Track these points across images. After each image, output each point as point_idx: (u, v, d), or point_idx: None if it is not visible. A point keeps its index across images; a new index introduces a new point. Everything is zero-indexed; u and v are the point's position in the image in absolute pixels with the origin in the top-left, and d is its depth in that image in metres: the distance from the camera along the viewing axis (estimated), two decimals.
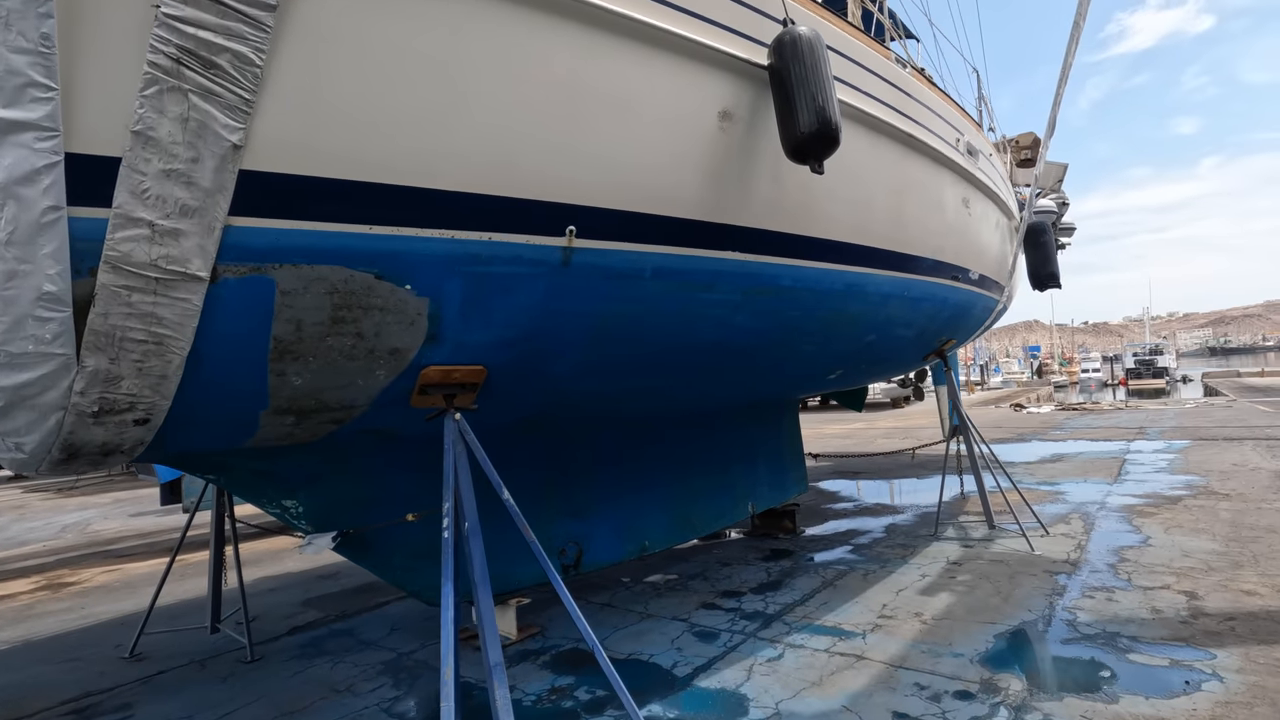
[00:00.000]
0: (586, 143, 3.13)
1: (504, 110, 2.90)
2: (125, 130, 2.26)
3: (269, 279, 2.65)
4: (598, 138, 3.16)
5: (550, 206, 3.11)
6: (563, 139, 3.06)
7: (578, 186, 3.17)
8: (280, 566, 7.34)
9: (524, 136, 2.96)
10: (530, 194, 3.04)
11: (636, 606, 5.32)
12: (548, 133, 3.02)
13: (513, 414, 3.90)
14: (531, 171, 3.02)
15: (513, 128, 2.93)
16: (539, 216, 3.09)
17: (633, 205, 3.36)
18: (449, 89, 2.77)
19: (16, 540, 10.06)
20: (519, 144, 2.96)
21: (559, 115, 3.03)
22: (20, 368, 2.37)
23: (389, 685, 4.15)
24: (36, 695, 4.31)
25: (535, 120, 2.99)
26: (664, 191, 3.44)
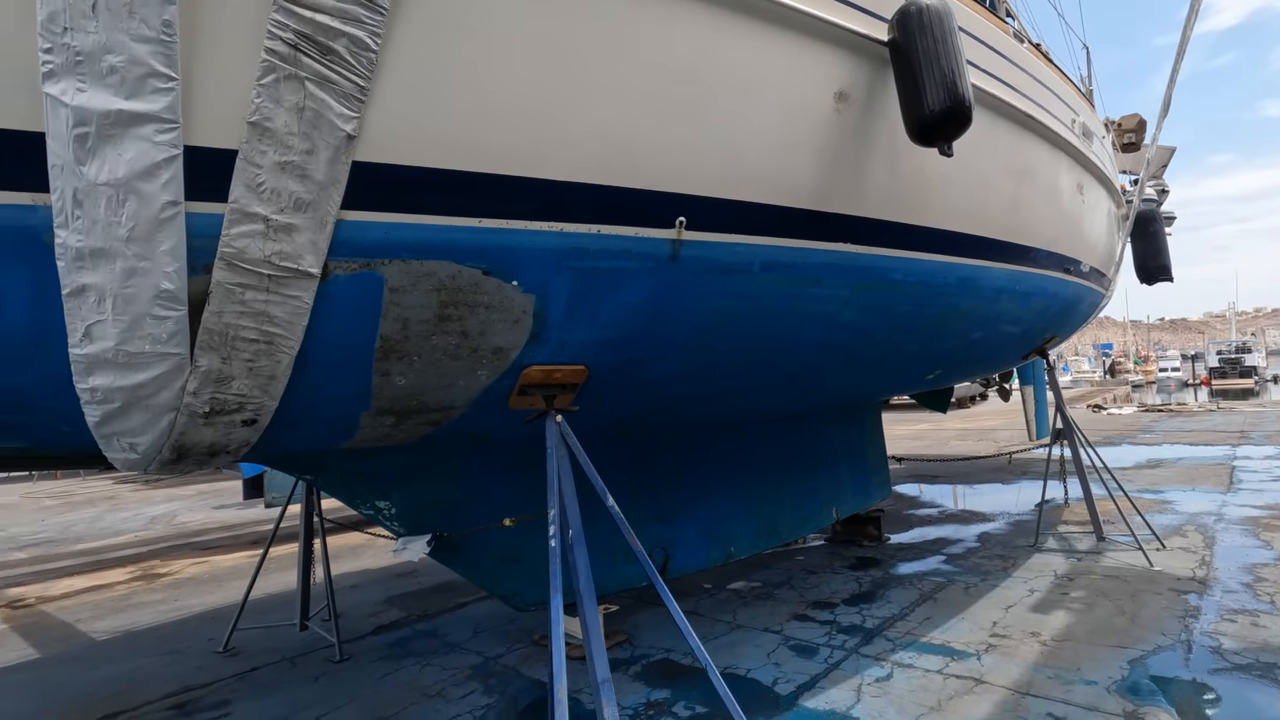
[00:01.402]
0: (699, 128, 2.93)
1: (618, 95, 2.73)
2: (242, 121, 2.17)
3: (378, 275, 2.55)
4: (710, 123, 2.96)
5: (661, 197, 2.93)
6: (676, 125, 2.87)
7: (688, 175, 2.98)
8: (359, 563, 7.41)
9: (637, 122, 2.79)
10: (641, 183, 2.86)
11: (724, 616, 5.11)
12: (661, 118, 2.84)
13: (608, 416, 3.74)
14: (643, 159, 2.84)
15: (626, 113, 2.76)
16: (649, 207, 2.91)
17: (743, 194, 3.14)
18: (563, 73, 2.61)
19: (111, 530, 10.53)
20: (631, 130, 2.78)
21: (673, 99, 2.84)
22: (137, 368, 2.32)
23: (479, 692, 4.05)
24: (140, 688, 4.39)
25: (649, 105, 2.81)
26: (775, 179, 3.21)
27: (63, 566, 8.22)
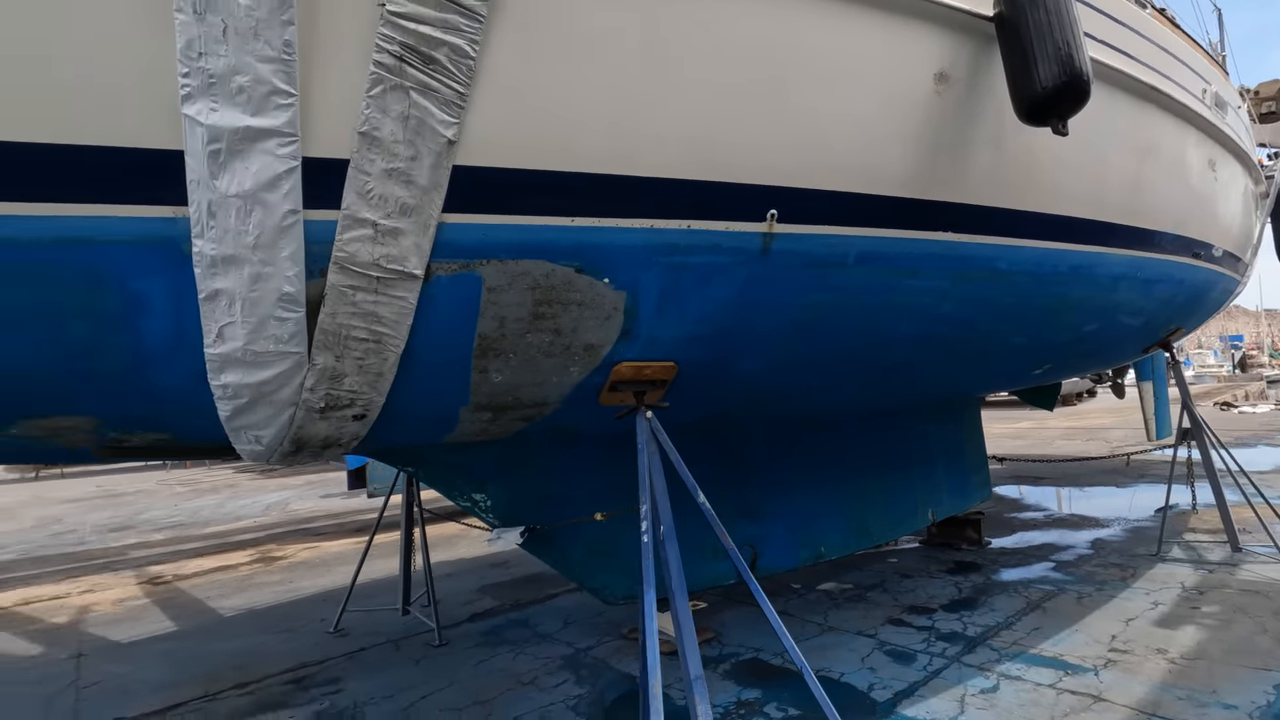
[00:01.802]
0: (790, 118, 2.86)
1: (706, 89, 2.70)
2: (353, 132, 2.29)
3: (477, 275, 2.63)
4: (801, 112, 2.88)
5: (751, 190, 2.88)
6: (765, 116, 2.81)
7: (779, 166, 2.91)
8: (453, 552, 7.73)
9: (726, 114, 2.75)
10: (731, 177, 2.83)
11: (814, 617, 5.00)
12: (751, 109, 2.79)
13: (695, 412, 3.72)
14: (733, 152, 2.80)
15: (715, 105, 2.73)
16: (739, 200, 2.87)
17: (837, 184, 3.05)
18: (651, 69, 2.62)
19: (233, 515, 11.45)
20: (721, 122, 2.75)
21: (763, 89, 2.79)
22: (262, 365, 2.49)
23: (571, 682, 4.14)
24: (262, 662, 4.74)
25: (738, 96, 2.76)
26: (871, 167, 3.09)
27: (193, 548, 9.00)
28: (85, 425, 2.63)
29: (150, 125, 2.15)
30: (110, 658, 5.06)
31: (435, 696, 4.04)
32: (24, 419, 2.49)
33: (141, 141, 2.15)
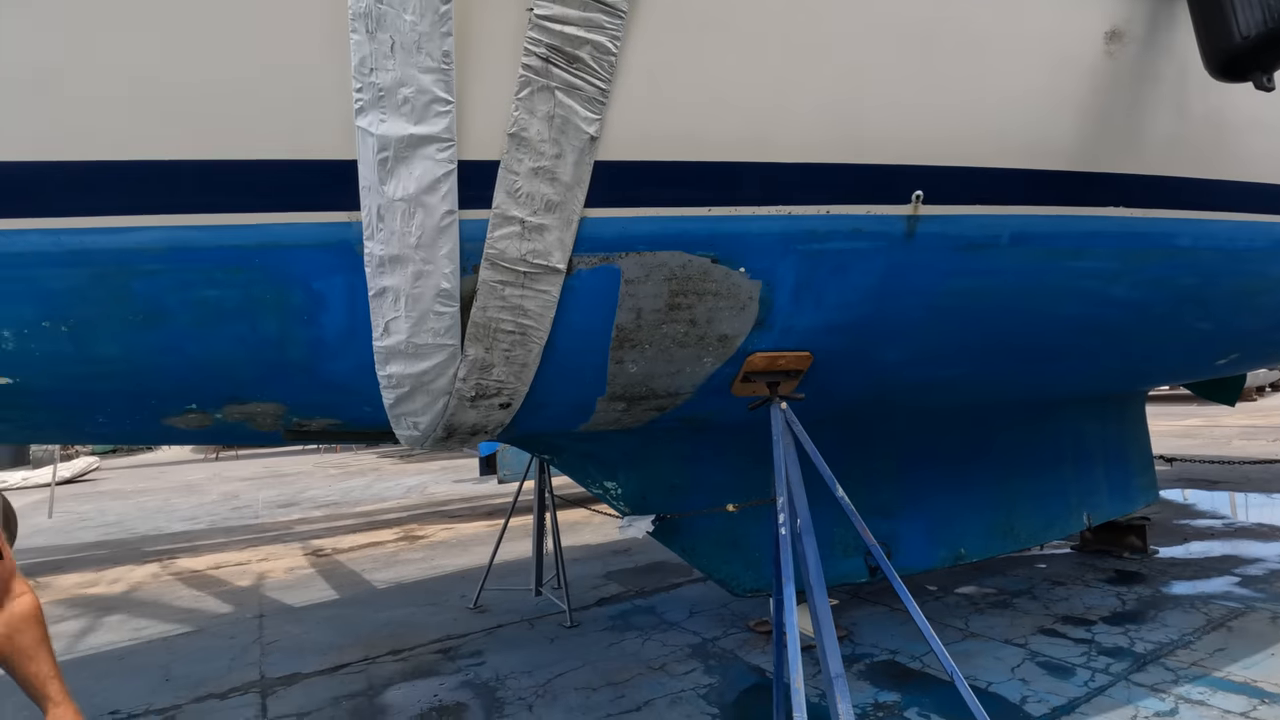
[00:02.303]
0: (940, 90, 2.70)
1: (851, 64, 2.60)
2: (503, 134, 2.41)
3: (615, 268, 2.69)
4: (953, 82, 2.71)
5: (895, 170, 2.75)
6: (914, 89, 2.67)
7: (927, 144, 2.76)
8: (578, 538, 7.99)
9: (870, 92, 2.64)
10: (874, 158, 2.71)
11: (954, 622, 4.73)
12: (893, 86, 2.66)
13: (831, 404, 3.61)
14: (875, 132, 2.69)
15: (859, 82, 2.63)
16: (882, 182, 2.75)
17: (990, 160, 2.84)
18: (794, 49, 2.56)
19: (378, 497, 12.46)
20: (864, 101, 2.64)
21: (910, 62, 2.65)
22: (422, 357, 2.68)
23: (700, 671, 4.17)
24: (412, 631, 5.14)
25: (883, 71, 2.64)
26: (1030, 140, 2.86)
27: (346, 525, 9.89)
28: (274, 410, 2.95)
29: (329, 138, 2.37)
30: (285, 619, 5.68)
31: (570, 675, 4.20)
32: (229, 404, 2.83)
33: (323, 154, 2.37)
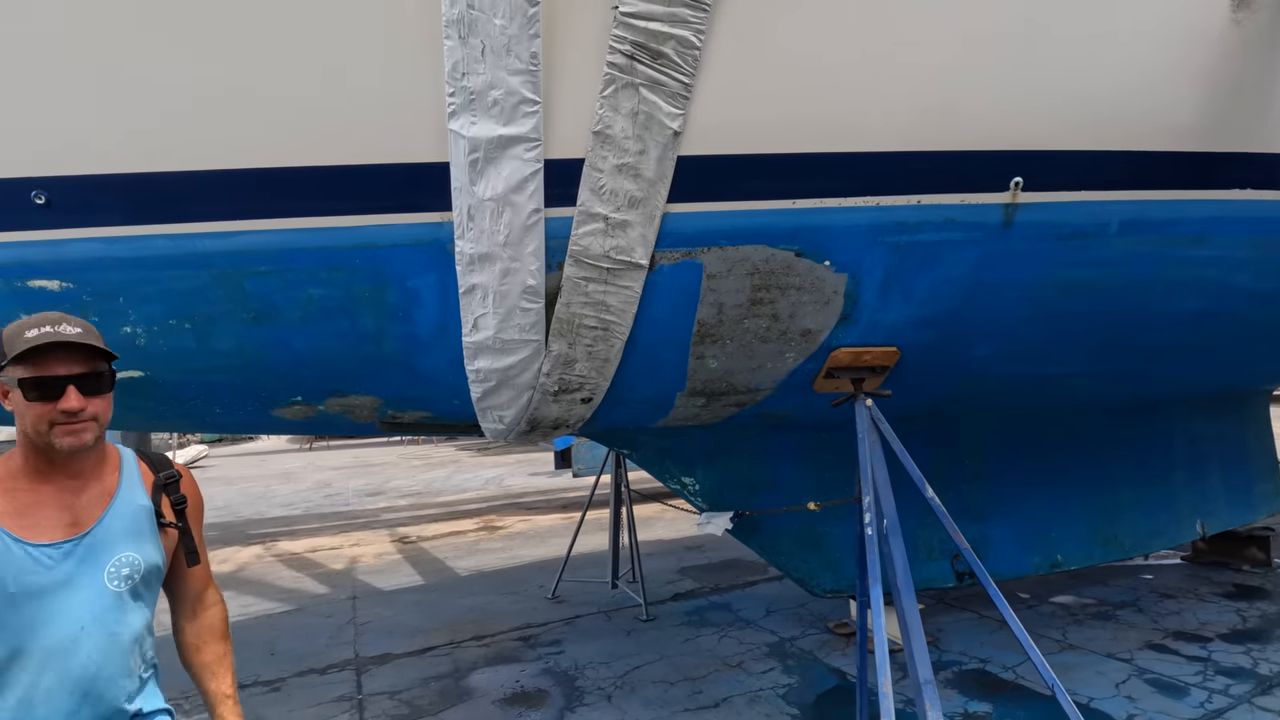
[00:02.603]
0: (1043, 69, 2.56)
1: (945, 46, 2.50)
2: (587, 132, 2.44)
3: (697, 263, 2.69)
4: (1058, 60, 2.56)
5: (992, 156, 2.62)
6: (1014, 69, 2.54)
7: (1027, 127, 2.62)
8: (651, 533, 8.03)
9: (965, 75, 2.53)
10: (969, 144, 2.60)
11: (1050, 633, 4.48)
12: (996, 64, 2.53)
13: (918, 401, 3.49)
14: (973, 116, 2.57)
15: (954, 66, 2.52)
16: (978, 170, 2.63)
17: (1097, 143, 2.67)
18: (883, 35, 2.48)
19: (458, 488, 12.91)
20: (958, 85, 2.53)
21: (1010, 39, 2.52)
22: (508, 352, 2.76)
23: (779, 670, 4.11)
24: (493, 618, 5.30)
25: (980, 51, 2.53)
26: (1142, 120, 2.67)
27: (429, 514, 10.30)
28: (371, 403, 3.10)
29: (423, 142, 2.46)
30: (376, 602, 5.97)
31: (647, 669, 4.23)
32: (330, 396, 3.00)
33: (417, 157, 2.47)
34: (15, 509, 1.29)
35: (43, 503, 1.32)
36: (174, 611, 1.58)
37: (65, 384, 1.29)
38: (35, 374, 1.28)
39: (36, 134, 2.42)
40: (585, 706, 3.77)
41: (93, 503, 1.37)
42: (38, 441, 1.31)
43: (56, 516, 1.32)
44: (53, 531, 1.31)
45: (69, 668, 1.28)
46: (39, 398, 1.28)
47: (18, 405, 1.30)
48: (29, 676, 1.25)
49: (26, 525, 1.28)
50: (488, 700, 3.90)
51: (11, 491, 1.31)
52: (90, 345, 1.33)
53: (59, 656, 1.27)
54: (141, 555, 1.39)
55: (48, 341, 1.28)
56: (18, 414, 1.31)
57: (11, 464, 1.34)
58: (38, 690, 1.26)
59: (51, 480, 1.34)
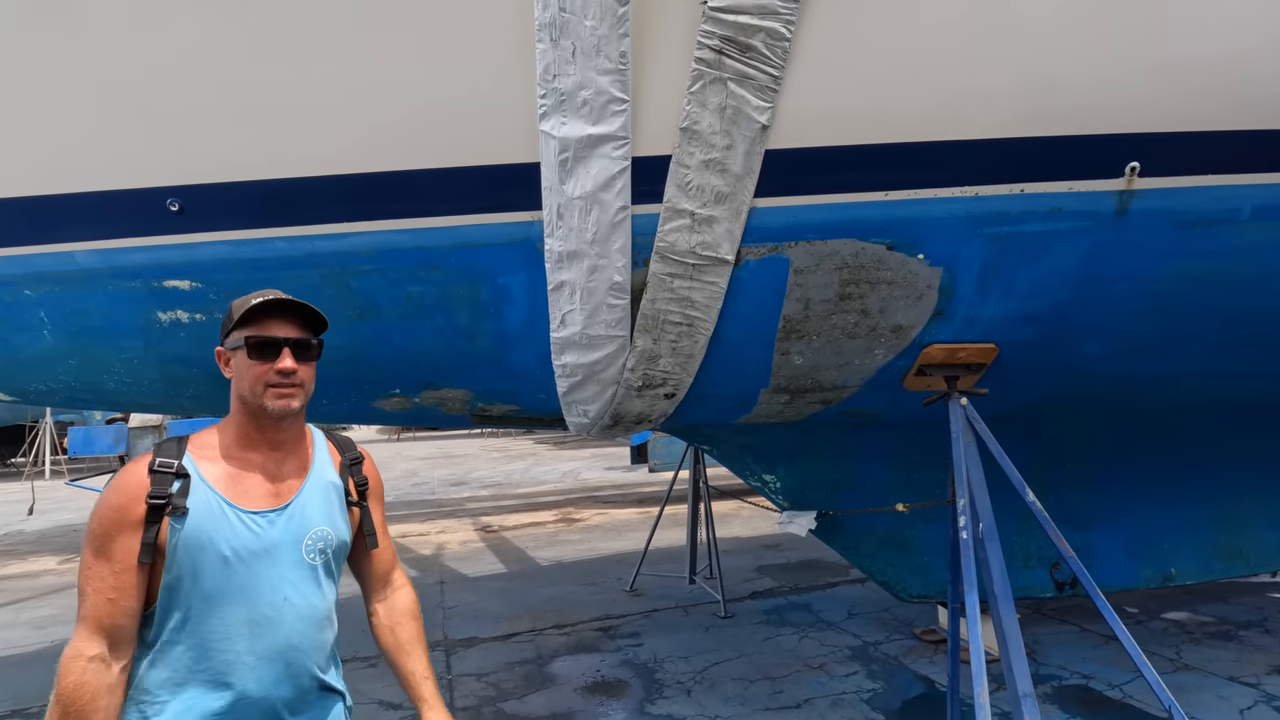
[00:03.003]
0: (1160, 44, 2.38)
1: (1047, 24, 2.37)
2: (674, 128, 2.45)
3: (784, 258, 2.65)
4: (1177, 31, 2.37)
5: (1104, 141, 2.46)
6: (1128, 43, 2.37)
7: (1143, 107, 2.44)
8: (727, 530, 7.99)
9: (1073, 51, 2.38)
10: (1078, 128, 2.45)
11: (1163, 651, 4.18)
12: (1107, 38, 2.38)
13: (1017, 400, 3.32)
14: (1081, 97, 2.42)
15: (1059, 43, 2.38)
16: (1088, 156, 2.48)
17: (1226, 121, 2.46)
18: (974, 18, 2.37)
19: (536, 480, 13.24)
20: (1064, 64, 2.39)
21: (1122, 13, 2.35)
22: (594, 347, 2.81)
23: (862, 674, 4.02)
24: (573, 609, 5.41)
25: (1083, 31, 2.38)
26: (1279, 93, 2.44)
27: (510, 504, 10.61)
28: (462, 396, 3.23)
29: (515, 144, 2.54)
30: (461, 587, 6.21)
31: (726, 665, 4.22)
32: (425, 389, 3.14)
33: (509, 159, 2.55)
34: (229, 475, 1.34)
35: (251, 471, 1.36)
36: (365, 593, 1.60)
37: (282, 345, 1.36)
38: (257, 334, 1.35)
39: (171, 147, 2.64)
40: (665, 699, 3.80)
41: (292, 475, 1.41)
42: (252, 403, 1.35)
43: (262, 485, 1.36)
44: (260, 500, 1.35)
45: (275, 637, 1.31)
46: (259, 357, 1.34)
47: (238, 368, 1.37)
48: (239, 644, 1.28)
49: (239, 492, 1.33)
50: (570, 687, 3.99)
51: (226, 459, 1.35)
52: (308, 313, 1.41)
53: (264, 626, 1.30)
54: (334, 530, 1.42)
55: (273, 299, 1.37)
56: (237, 377, 1.37)
57: (225, 434, 1.39)
58: (247, 656, 1.28)
59: (258, 449, 1.38)
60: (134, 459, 1.32)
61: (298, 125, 2.60)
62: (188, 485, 1.29)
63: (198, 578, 1.27)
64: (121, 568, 1.24)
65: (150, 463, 1.28)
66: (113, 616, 1.23)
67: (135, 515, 1.25)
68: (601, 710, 3.70)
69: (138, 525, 1.25)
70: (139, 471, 1.28)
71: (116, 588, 1.24)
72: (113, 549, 1.24)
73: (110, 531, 1.24)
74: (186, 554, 1.26)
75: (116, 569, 1.24)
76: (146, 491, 1.25)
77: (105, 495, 1.28)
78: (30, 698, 4.12)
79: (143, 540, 1.24)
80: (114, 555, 1.24)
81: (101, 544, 1.24)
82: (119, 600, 1.24)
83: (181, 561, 1.26)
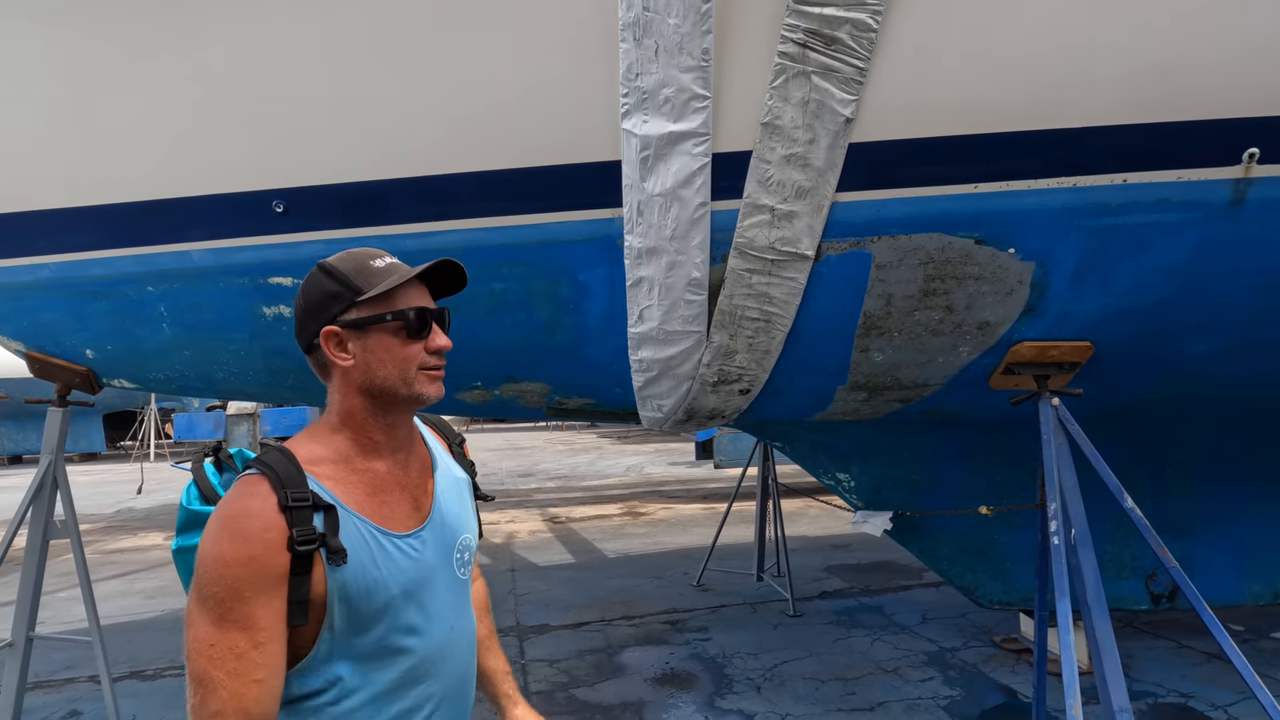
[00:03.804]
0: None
1: (1156, 3, 2.24)
2: (755, 124, 2.44)
3: (866, 253, 2.61)
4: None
5: (1218, 126, 2.31)
6: (1243, 24, 2.22)
7: (1261, 90, 2.28)
8: (795, 528, 7.89)
9: (1185, 31, 2.24)
10: (1189, 113, 2.31)
11: (1274, 673, 3.89)
12: (1216, 22, 2.23)
13: (1113, 401, 3.16)
14: (1191, 81, 2.28)
15: (1167, 25, 2.25)
16: (1199, 142, 2.33)
17: None
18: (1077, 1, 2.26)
19: (601, 473, 13.40)
20: (1177, 44, 2.25)
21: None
22: (671, 343, 2.83)
23: (939, 681, 3.91)
24: (641, 601, 5.48)
25: (1200, 6, 2.23)
26: None
27: (576, 496, 10.79)
28: (541, 389, 3.32)
29: (597, 143, 2.59)
30: (532, 576, 6.37)
31: (796, 664, 4.19)
32: (506, 382, 3.24)
33: (591, 157, 2.60)
34: (367, 495, 1.05)
35: (385, 484, 1.09)
36: None
37: (431, 318, 1.10)
38: (408, 306, 1.08)
39: (276, 153, 2.82)
40: (735, 694, 3.81)
41: (421, 478, 1.16)
42: (403, 392, 1.07)
43: (401, 499, 1.10)
44: (405, 518, 1.09)
45: (449, 675, 1.11)
46: (415, 335, 1.08)
47: (376, 350, 1.06)
48: (413, 693, 1.05)
49: (384, 514, 1.06)
50: (639, 678, 4.05)
51: (352, 475, 1.06)
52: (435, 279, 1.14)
53: (438, 665, 1.08)
54: (472, 533, 1.21)
55: (446, 260, 1.11)
56: (372, 362, 1.06)
57: (335, 441, 1.08)
58: (425, 706, 1.07)
59: (382, 455, 1.10)
60: (241, 490, 0.98)
61: (389, 130, 2.72)
62: (335, 519, 0.99)
63: (365, 628, 1.01)
64: (267, 637, 0.93)
65: (280, 497, 0.95)
66: (262, 703, 0.92)
67: (277, 568, 0.93)
68: (672, 702, 3.74)
69: (281, 579, 0.94)
70: (263, 510, 0.95)
71: (264, 665, 0.92)
72: (251, 615, 0.92)
73: (242, 593, 0.92)
74: (349, 605, 0.99)
75: (260, 639, 0.92)
76: (287, 536, 0.94)
77: (219, 544, 0.93)
78: (145, 660, 4.49)
79: (291, 598, 0.94)
80: (254, 623, 0.92)
81: (230, 611, 0.91)
82: (268, 680, 0.93)
83: (343, 614, 0.99)
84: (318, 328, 1.07)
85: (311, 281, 1.10)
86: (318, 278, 1.09)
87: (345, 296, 1.06)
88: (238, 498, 0.97)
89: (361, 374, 1.07)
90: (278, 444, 1.06)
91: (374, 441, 1.10)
